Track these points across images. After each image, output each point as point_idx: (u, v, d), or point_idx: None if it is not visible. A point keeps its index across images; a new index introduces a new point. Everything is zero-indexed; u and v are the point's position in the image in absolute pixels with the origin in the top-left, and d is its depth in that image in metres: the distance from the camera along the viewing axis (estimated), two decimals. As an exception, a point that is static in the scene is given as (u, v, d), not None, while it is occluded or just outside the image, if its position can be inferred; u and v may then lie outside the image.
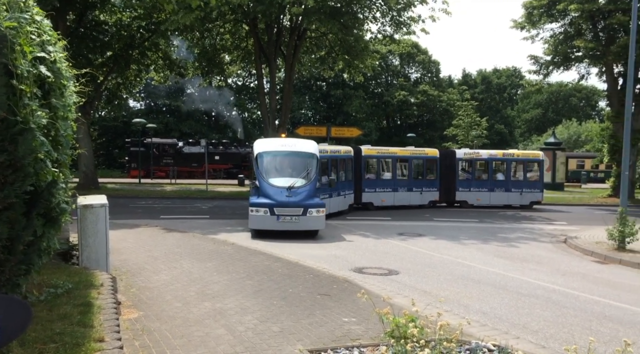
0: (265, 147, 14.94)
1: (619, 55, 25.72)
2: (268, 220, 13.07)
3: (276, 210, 13.02)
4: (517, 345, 5.38)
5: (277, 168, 14.61)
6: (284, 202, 13.11)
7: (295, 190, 13.43)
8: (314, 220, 13.21)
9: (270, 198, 13.24)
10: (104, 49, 27.85)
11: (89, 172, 27.32)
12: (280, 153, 14.99)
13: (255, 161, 14.51)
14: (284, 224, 13.04)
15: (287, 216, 13.03)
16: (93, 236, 7.29)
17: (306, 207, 13.10)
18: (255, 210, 13.16)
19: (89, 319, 4.81)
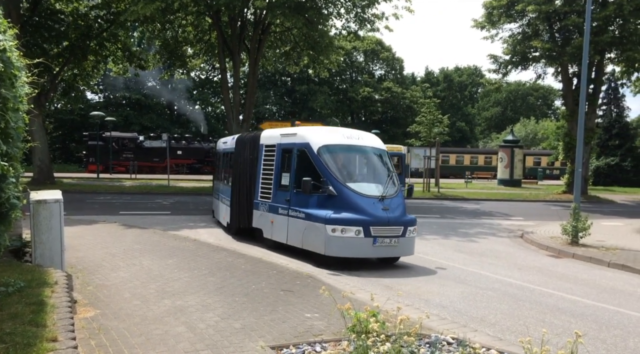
0: (327, 139, 10.59)
1: (574, 56, 26.65)
2: (361, 244, 9.36)
3: (373, 230, 9.34)
4: (475, 338, 5.51)
5: (354, 170, 10.82)
6: (382, 219, 9.47)
7: (389, 201, 9.83)
8: (410, 243, 9.93)
9: (361, 212, 9.47)
10: (60, 38, 26.89)
11: (43, 166, 26.38)
12: (351, 149, 10.81)
13: (308, 156, 10.34)
14: (381, 249, 9.53)
15: (387, 238, 9.46)
16: (47, 233, 7.02)
17: (406, 225, 9.73)
18: (340, 230, 9.30)
19: (42, 318, 4.64)
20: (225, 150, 15.15)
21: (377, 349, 4.21)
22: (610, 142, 49.12)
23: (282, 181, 10.97)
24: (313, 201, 9.99)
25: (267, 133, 12.31)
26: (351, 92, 61.23)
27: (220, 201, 15.01)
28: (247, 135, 13.05)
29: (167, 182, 29.16)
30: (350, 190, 9.81)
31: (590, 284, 9.25)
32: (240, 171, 12.81)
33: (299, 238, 10.20)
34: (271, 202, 11.13)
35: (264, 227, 11.46)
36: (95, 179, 32.02)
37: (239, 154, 13.02)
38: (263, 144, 11.89)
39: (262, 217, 11.53)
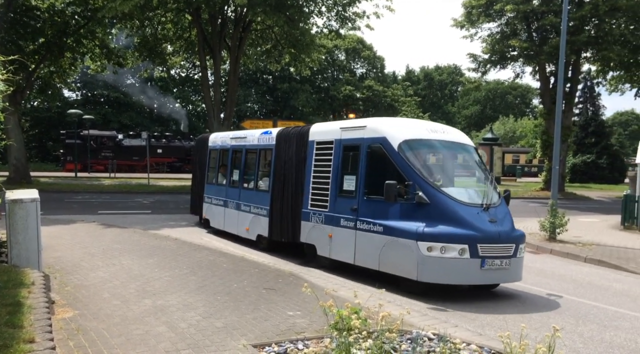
0: (408, 133, 8.54)
1: (551, 55, 27.09)
2: (466, 267, 7.43)
3: (481, 248, 7.41)
4: (456, 333, 5.57)
5: (447, 171, 8.78)
6: (492, 234, 7.54)
7: (494, 211, 7.91)
8: (519, 265, 8.01)
9: (464, 225, 7.49)
10: (36, 35, 26.32)
11: (19, 165, 25.86)
12: (439, 145, 8.83)
13: (385, 154, 8.30)
14: (490, 274, 7.60)
15: (497, 260, 7.53)
16: (23, 233, 6.88)
17: (517, 242, 7.86)
18: (438, 248, 7.36)
19: (19, 319, 4.55)
20: (241, 147, 12.47)
21: (359, 346, 4.23)
22: (587, 140, 50.11)
23: (344, 185, 8.93)
24: (394, 210, 7.93)
25: (319, 127, 10.09)
26: (333, 91, 61.31)
27: (227, 207, 12.67)
28: (292, 130, 10.61)
29: (147, 181, 28.81)
30: (447, 196, 7.77)
31: (568, 279, 9.43)
32: (282, 174, 10.43)
33: (373, 258, 8.18)
34: (328, 212, 9.12)
35: (318, 242, 9.39)
36: (73, 178, 31.48)
37: (281, 153, 10.52)
38: (314, 141, 9.78)
39: (314, 230, 9.45)
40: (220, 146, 13.62)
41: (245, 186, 12.12)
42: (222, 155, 13.62)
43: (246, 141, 12.28)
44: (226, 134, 13.77)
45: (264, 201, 10.97)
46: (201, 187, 14.36)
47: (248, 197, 11.77)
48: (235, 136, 13.07)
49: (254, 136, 12.03)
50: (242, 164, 12.34)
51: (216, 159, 13.84)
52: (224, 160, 13.53)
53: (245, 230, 11.70)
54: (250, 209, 11.51)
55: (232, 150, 12.89)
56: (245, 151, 12.31)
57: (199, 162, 15.03)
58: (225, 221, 12.75)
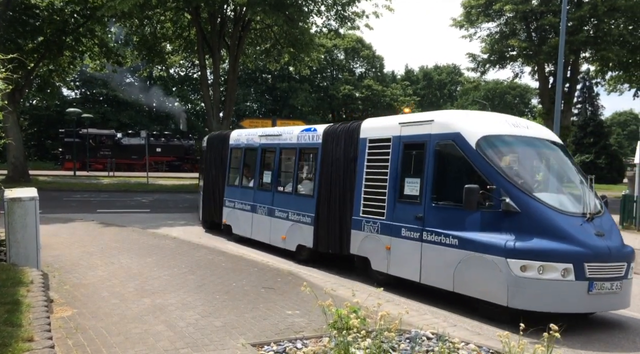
0: (488, 128, 7.26)
1: (550, 55, 27.13)
2: (570, 291, 6.17)
3: (589, 269, 6.15)
4: (454, 333, 5.58)
5: (538, 173, 7.62)
6: (601, 250, 6.26)
7: (599, 221, 6.61)
8: (630, 287, 6.66)
9: (565, 239, 6.22)
10: (35, 34, 26.30)
11: (18, 163, 25.85)
12: (525, 141, 7.49)
13: (459, 153, 7.03)
14: (598, 299, 6.31)
15: (607, 282, 6.24)
16: (22, 231, 6.88)
17: (628, 260, 6.54)
18: (536, 268, 6.11)
19: (17, 318, 4.55)
20: (273, 146, 11.05)
21: (358, 345, 4.24)
22: (585, 140, 50.19)
23: (404, 189, 7.66)
24: (472, 219, 6.69)
25: (372, 123, 8.85)
26: (332, 90, 61.25)
27: (256, 213, 11.23)
28: (340, 127, 9.32)
29: (146, 179, 28.79)
30: (542, 204, 6.43)
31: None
32: (329, 176, 9.22)
33: (445, 276, 6.96)
34: (385, 220, 7.89)
35: (373, 255, 8.16)
36: (72, 176, 31.45)
37: (329, 153, 9.27)
38: (366, 139, 8.56)
39: (368, 241, 8.23)
40: (245, 144, 12.01)
41: (281, 190, 10.65)
42: (248, 154, 12.07)
43: (281, 139, 10.78)
44: (252, 132, 12.21)
45: (306, 207, 9.64)
46: (219, 190, 12.83)
47: (284, 202, 10.35)
48: (265, 133, 11.55)
49: (291, 134, 10.59)
50: (276, 164, 10.84)
51: (239, 158, 12.27)
52: (250, 160, 12.03)
53: (280, 239, 10.22)
54: (288, 216, 10.11)
55: (261, 149, 11.37)
56: (279, 150, 10.82)
57: (215, 162, 13.30)
58: (254, 228, 11.25)
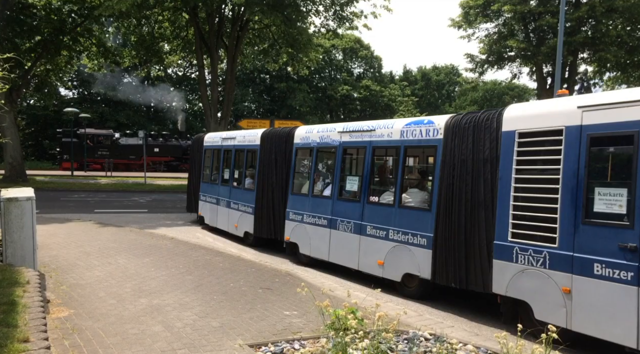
0: None
1: (548, 56, 27.14)
2: None
3: None
4: (452, 333, 5.58)
5: None
6: None
7: None
8: None
9: None
10: (32, 33, 26.23)
11: (15, 163, 25.77)
12: None
13: None
14: None
15: None
16: (18, 231, 6.85)
17: None
18: None
19: (13, 318, 4.52)
20: (363, 143, 8.70)
21: (356, 345, 4.22)
22: (583, 141, 50.16)
23: (595, 205, 5.37)
24: None
25: (523, 110, 6.51)
26: (330, 90, 61.23)
27: (336, 230, 8.94)
28: (469, 116, 7.00)
29: (143, 180, 28.73)
30: None
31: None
32: (453, 183, 6.93)
33: None
34: (560, 250, 5.59)
35: (536, 299, 5.82)
36: (70, 176, 31.38)
37: (452, 152, 7.00)
38: (513, 132, 6.25)
39: (526, 278, 5.91)
40: (317, 143, 9.69)
41: (375, 201, 8.29)
42: (321, 155, 10.03)
43: (374, 135, 8.42)
44: (328, 127, 9.66)
45: (418, 224, 7.39)
46: (278, 199, 10.56)
47: (382, 216, 8.03)
48: (349, 128, 9.06)
49: (389, 128, 8.18)
50: (366, 167, 8.54)
51: (309, 161, 10.10)
52: (325, 162, 10.28)
53: (376, 264, 8.01)
54: (389, 235, 7.83)
55: (342, 148, 9.11)
56: (371, 149, 8.53)
57: (271, 165, 10.81)
58: (333, 248, 9.05)
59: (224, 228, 12.80)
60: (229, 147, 13.04)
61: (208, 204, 13.86)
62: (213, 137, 14.27)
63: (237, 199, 12.20)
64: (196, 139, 15.69)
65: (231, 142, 12.94)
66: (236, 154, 12.70)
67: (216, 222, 13.32)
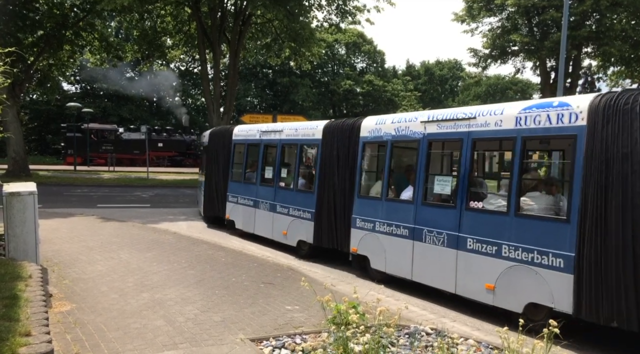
0: None
1: (552, 50, 26.99)
2: None
3: None
4: (454, 328, 5.58)
5: None
6: None
7: None
8: None
9: None
10: (35, 28, 26.23)
11: (18, 158, 25.84)
12: None
13: None
14: None
15: None
16: (21, 226, 6.86)
17: None
18: None
19: (15, 312, 4.53)
20: (458, 135, 7.04)
21: (357, 340, 4.23)
22: (587, 136, 49.97)
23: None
24: None
25: None
26: (333, 85, 61.12)
27: (422, 242, 7.35)
28: (627, 94, 5.41)
29: (146, 174, 28.77)
30: None
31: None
32: (614, 186, 5.28)
33: None
34: None
35: None
36: (73, 171, 31.45)
37: (601, 145, 5.44)
38: None
39: None
40: (392, 136, 8.17)
41: (477, 206, 6.74)
42: (397, 151, 8.73)
43: (475, 125, 6.84)
44: (406, 116, 8.17)
45: (547, 239, 5.86)
46: (341, 203, 9.01)
47: (492, 226, 6.51)
48: (435, 117, 7.51)
49: (497, 115, 6.61)
50: (465, 165, 6.89)
51: (383, 158, 8.55)
52: (402, 159, 9.07)
53: (484, 289, 6.45)
54: (501, 252, 6.31)
55: (427, 142, 7.52)
56: (470, 143, 6.89)
57: (332, 163, 9.27)
58: (417, 265, 7.54)
59: (266, 235, 11.06)
60: (272, 141, 11.18)
61: (241, 207, 11.96)
62: (246, 130, 12.37)
63: (286, 202, 10.39)
64: (218, 132, 13.52)
65: (276, 136, 11.03)
66: (283, 149, 10.95)
67: (253, 227, 11.49)
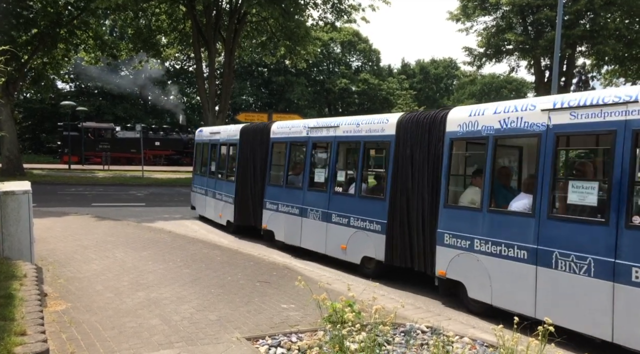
0: None
1: (546, 49, 27.09)
2: None
3: None
4: (449, 326, 5.60)
5: None
6: None
7: None
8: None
9: None
10: (29, 26, 26.06)
11: (12, 157, 25.71)
12: None
13: None
14: None
15: None
16: (15, 225, 6.84)
17: None
18: None
19: (10, 312, 4.51)
20: (612, 124, 5.20)
21: (353, 338, 4.24)
22: (581, 134, 50.18)
23: None
24: None
25: None
26: (328, 84, 61.12)
27: (551, 268, 5.60)
28: None
29: (141, 173, 28.69)
30: None
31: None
32: None
33: None
34: None
35: None
36: (67, 170, 31.32)
37: None
38: None
39: None
40: (495, 130, 6.43)
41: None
42: (502, 151, 7.42)
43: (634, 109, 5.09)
44: (517, 104, 6.35)
45: None
46: (421, 215, 7.38)
47: None
48: (566, 104, 5.73)
49: None
50: (625, 168, 5.07)
51: (484, 158, 6.64)
52: (510, 160, 7.84)
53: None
54: None
55: (553, 136, 5.78)
56: (633, 135, 5.10)
57: (410, 164, 7.66)
58: (541, 300, 5.74)
59: (318, 250, 9.37)
60: (324, 139, 9.48)
61: (284, 216, 10.20)
62: (290, 127, 10.56)
63: (349, 211, 8.66)
64: (252, 129, 11.70)
65: (330, 133, 9.29)
66: (339, 148, 9.34)
67: (299, 240, 9.79)
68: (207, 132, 14.69)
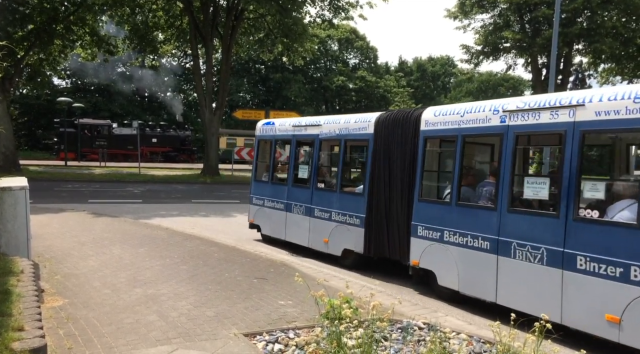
0: None
1: (543, 47, 27.15)
2: None
3: None
4: (446, 323, 5.62)
5: None
6: None
7: None
8: None
9: None
10: (25, 22, 25.92)
11: (8, 153, 25.60)
12: None
13: None
14: None
15: None
16: (12, 221, 6.82)
17: None
18: None
19: (7, 307, 4.51)
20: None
21: (350, 335, 4.25)
22: (577, 133, 50.33)
23: None
24: None
25: None
26: (325, 81, 61.10)
27: None
28: None
29: (137, 170, 28.63)
30: None
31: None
32: None
33: None
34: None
35: None
36: (64, 166, 31.23)
37: None
38: None
39: None
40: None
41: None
42: None
43: None
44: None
45: None
46: None
47: None
48: None
49: None
50: None
51: None
52: None
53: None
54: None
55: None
56: None
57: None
58: None
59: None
60: (526, 128, 6.16)
61: (455, 252, 6.75)
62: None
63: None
64: (388, 119, 8.16)
65: (533, 120, 6.00)
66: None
67: (495, 296, 6.27)
68: (288, 125, 10.63)
